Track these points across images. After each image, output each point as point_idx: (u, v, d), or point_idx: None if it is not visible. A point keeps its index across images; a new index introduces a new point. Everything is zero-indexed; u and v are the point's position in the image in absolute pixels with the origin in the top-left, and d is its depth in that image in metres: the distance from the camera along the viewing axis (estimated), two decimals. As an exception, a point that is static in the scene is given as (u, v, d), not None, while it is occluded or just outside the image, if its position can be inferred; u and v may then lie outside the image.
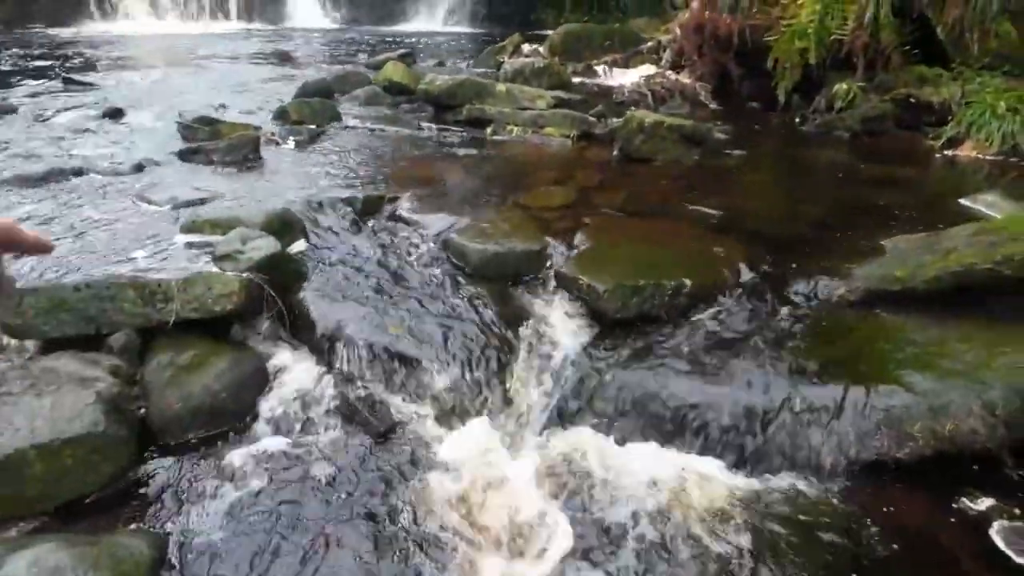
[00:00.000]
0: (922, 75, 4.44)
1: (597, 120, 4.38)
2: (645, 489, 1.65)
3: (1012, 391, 1.69)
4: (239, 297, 2.03)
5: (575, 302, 2.27)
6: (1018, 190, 3.19)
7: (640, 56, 6.43)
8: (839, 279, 2.26)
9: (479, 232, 2.63)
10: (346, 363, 2.04)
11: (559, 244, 2.58)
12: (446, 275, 2.47)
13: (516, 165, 3.82)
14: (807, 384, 1.84)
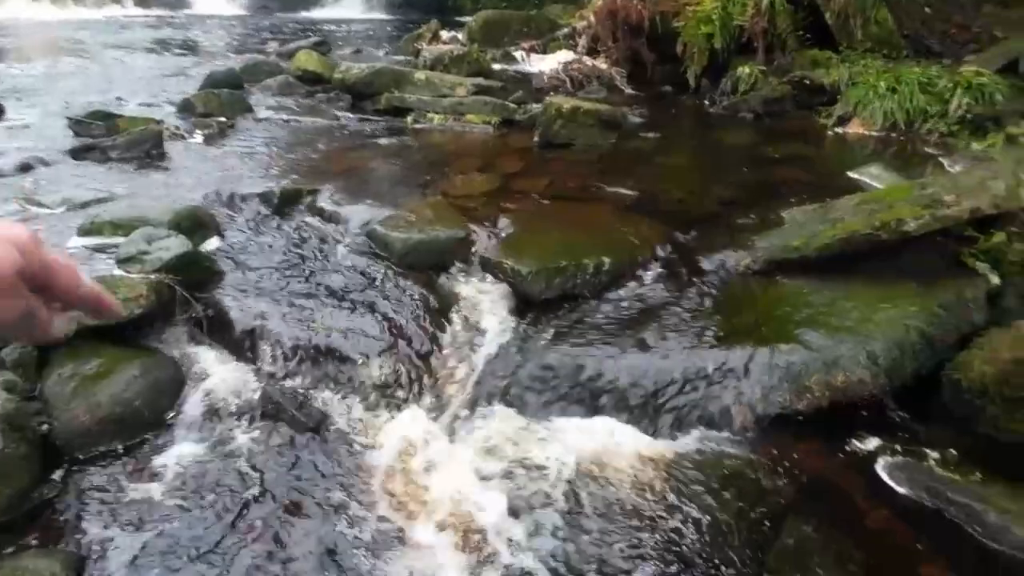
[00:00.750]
0: (815, 59, 4.77)
1: (518, 106, 4.42)
2: (570, 459, 1.72)
3: (891, 342, 1.89)
4: (147, 300, 1.93)
5: (501, 286, 2.31)
6: (897, 162, 3.51)
7: (557, 42, 6.52)
8: (744, 251, 2.42)
9: (402, 221, 2.61)
10: (269, 361, 1.99)
11: (483, 230, 2.61)
12: (370, 266, 2.45)
13: (438, 153, 3.81)
14: (717, 349, 1.97)
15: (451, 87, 4.58)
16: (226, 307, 2.14)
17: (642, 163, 3.58)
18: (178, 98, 4.55)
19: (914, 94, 3.92)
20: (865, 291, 2.12)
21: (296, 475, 1.71)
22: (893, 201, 2.24)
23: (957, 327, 1.96)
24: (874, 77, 4.15)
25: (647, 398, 1.88)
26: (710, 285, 2.30)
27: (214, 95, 4.40)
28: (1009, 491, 1.58)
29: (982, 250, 2.15)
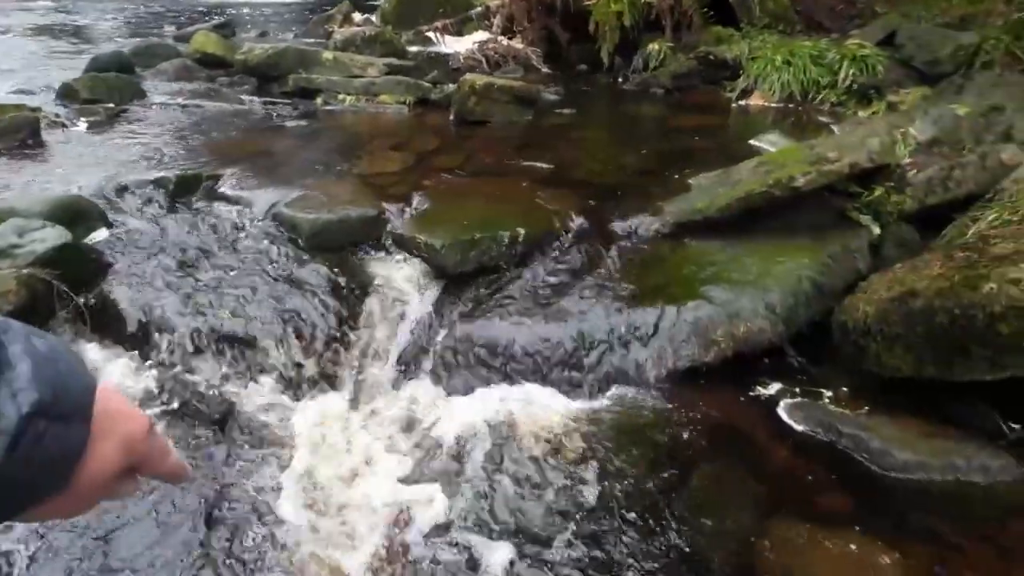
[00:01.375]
0: (718, 35, 4.95)
1: (433, 86, 4.34)
2: (491, 427, 1.72)
3: (787, 292, 2.00)
4: (17, 296, 1.76)
5: (416, 261, 2.27)
6: (794, 129, 3.72)
7: (473, 23, 6.44)
8: (654, 216, 2.49)
9: (311, 202, 2.51)
10: (167, 353, 1.87)
11: (397, 208, 2.55)
12: (278, 250, 2.34)
13: (350, 134, 3.68)
14: (630, 309, 2.02)
15: (362, 67, 4.43)
16: (115, 300, 1.99)
17: (558, 138, 3.61)
18: (59, 84, 4.15)
19: (807, 67, 4.15)
20: (763, 247, 2.23)
21: (198, 474, 1.62)
22: (786, 161, 2.37)
23: (844, 275, 2.11)
24: (771, 51, 4.36)
25: (564, 362, 1.91)
26: (622, 250, 2.35)
27: (100, 79, 4.05)
28: (890, 419, 1.72)
29: (864, 204, 2.31)
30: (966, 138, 2.45)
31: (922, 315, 1.69)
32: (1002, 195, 2.01)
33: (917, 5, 4.55)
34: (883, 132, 2.34)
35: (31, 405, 0.35)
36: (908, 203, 2.23)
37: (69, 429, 0.38)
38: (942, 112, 3.30)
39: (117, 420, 0.42)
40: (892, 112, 3.69)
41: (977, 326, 1.61)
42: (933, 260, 1.81)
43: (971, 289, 1.63)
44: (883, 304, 1.77)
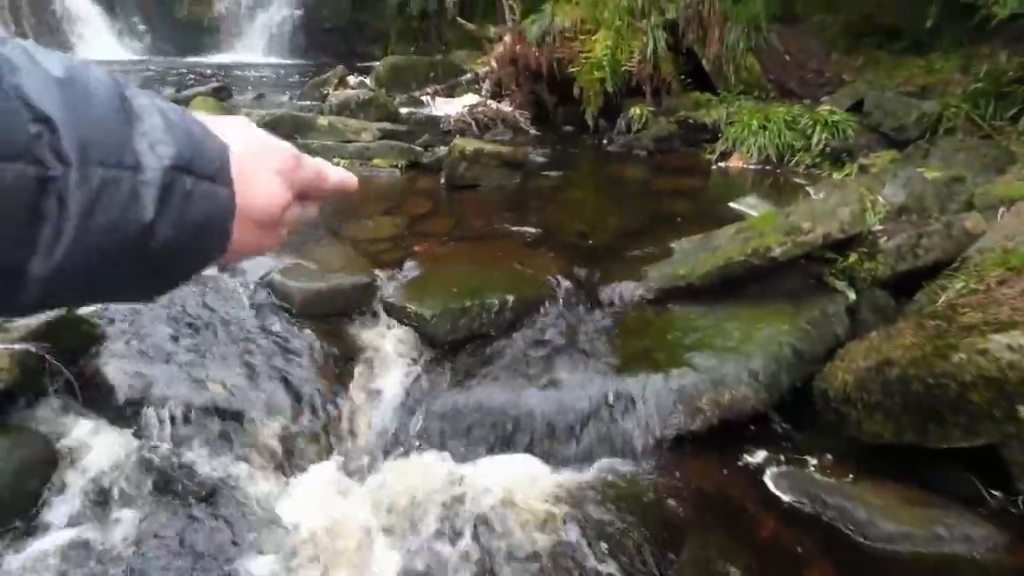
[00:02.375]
0: (697, 100, 5.21)
1: (424, 150, 4.50)
2: (478, 500, 1.72)
3: (768, 359, 2.06)
4: (9, 374, 1.77)
5: (406, 330, 2.31)
6: (772, 191, 3.88)
7: (463, 87, 6.72)
8: (638, 281, 2.57)
9: (304, 270, 2.57)
10: (156, 429, 1.87)
11: (388, 275, 2.61)
12: (271, 319, 2.37)
13: (343, 199, 3.78)
14: (616, 377, 2.06)
15: (356, 132, 4.59)
16: (106, 373, 2.00)
17: (545, 200, 3.73)
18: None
19: (782, 131, 4.37)
20: (745, 312, 2.30)
21: (187, 552, 1.60)
22: (763, 229, 2.47)
23: (823, 341, 2.17)
24: (747, 116, 4.59)
25: (552, 432, 1.93)
26: (608, 316, 2.41)
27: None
28: (874, 487, 1.75)
29: (839, 270, 2.40)
30: (931, 206, 2.58)
31: (899, 384, 1.75)
32: (967, 264, 2.11)
33: (880, 74, 4.83)
34: (854, 200, 2.46)
35: (172, 158, 0.34)
36: (881, 269, 2.32)
37: (216, 188, 0.37)
38: (911, 175, 3.47)
39: (261, 161, 0.41)
40: (864, 174, 3.87)
41: (950, 395, 1.66)
42: (906, 329, 1.88)
43: (942, 359, 1.69)
44: (861, 373, 1.82)
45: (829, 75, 5.09)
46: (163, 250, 0.34)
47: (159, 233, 0.34)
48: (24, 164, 0.28)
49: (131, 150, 0.33)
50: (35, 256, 0.30)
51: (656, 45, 5.13)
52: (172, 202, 0.34)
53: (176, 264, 0.37)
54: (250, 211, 0.40)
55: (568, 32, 5.63)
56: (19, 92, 0.29)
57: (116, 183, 0.31)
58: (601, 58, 5.24)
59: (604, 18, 5.39)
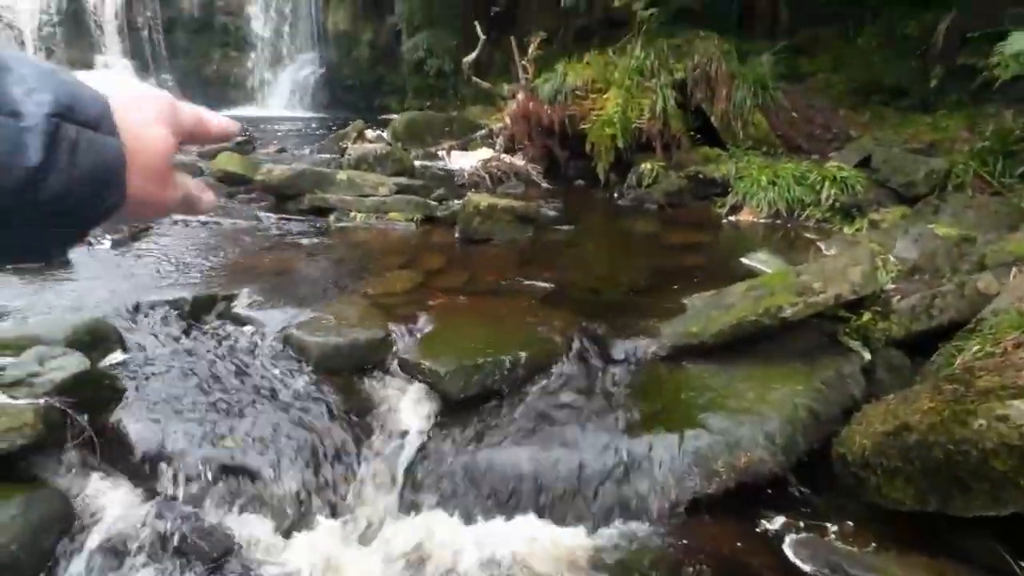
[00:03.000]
0: (706, 155, 5.33)
1: (439, 203, 4.62)
2: (489, 563, 1.70)
3: (784, 421, 2.04)
4: (33, 429, 1.80)
5: (420, 386, 2.33)
6: (783, 246, 3.92)
7: (476, 142, 6.94)
8: (651, 337, 2.58)
9: (321, 324, 2.61)
10: (171, 486, 1.88)
11: (403, 330, 2.64)
12: (287, 373, 2.40)
13: (361, 252, 3.87)
14: (630, 438, 2.05)
15: (373, 186, 4.74)
16: (125, 428, 2.03)
17: (557, 255, 3.79)
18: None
19: (791, 186, 4.44)
20: (760, 372, 2.29)
21: (197, 614, 1.59)
22: (774, 288, 2.49)
23: (840, 402, 2.15)
24: (756, 171, 4.68)
25: (567, 494, 1.91)
26: (621, 373, 2.42)
27: (127, 199, 4.32)
28: (897, 557, 1.70)
29: (853, 329, 2.40)
30: (943, 265, 2.60)
31: (918, 449, 1.72)
32: (983, 326, 2.10)
33: (887, 130, 4.93)
34: (865, 259, 2.48)
35: (50, 104, 0.33)
36: (895, 329, 2.32)
37: (102, 138, 0.36)
38: (922, 232, 3.49)
39: (141, 108, 0.41)
40: (875, 229, 3.90)
41: (972, 462, 1.63)
42: (923, 392, 1.87)
43: (961, 425, 1.67)
44: (879, 438, 1.80)
45: (836, 131, 5.20)
46: (56, 199, 0.34)
47: (50, 181, 0.33)
48: None
49: (8, 98, 0.32)
50: None
51: (665, 103, 5.30)
52: (59, 149, 0.33)
53: (73, 215, 0.36)
54: (139, 159, 0.40)
55: (580, 91, 5.84)
56: None
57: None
58: (612, 115, 5.41)
59: (614, 78, 5.59)
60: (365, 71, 14.22)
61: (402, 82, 12.67)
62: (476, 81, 7.51)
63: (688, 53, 5.46)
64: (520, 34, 7.81)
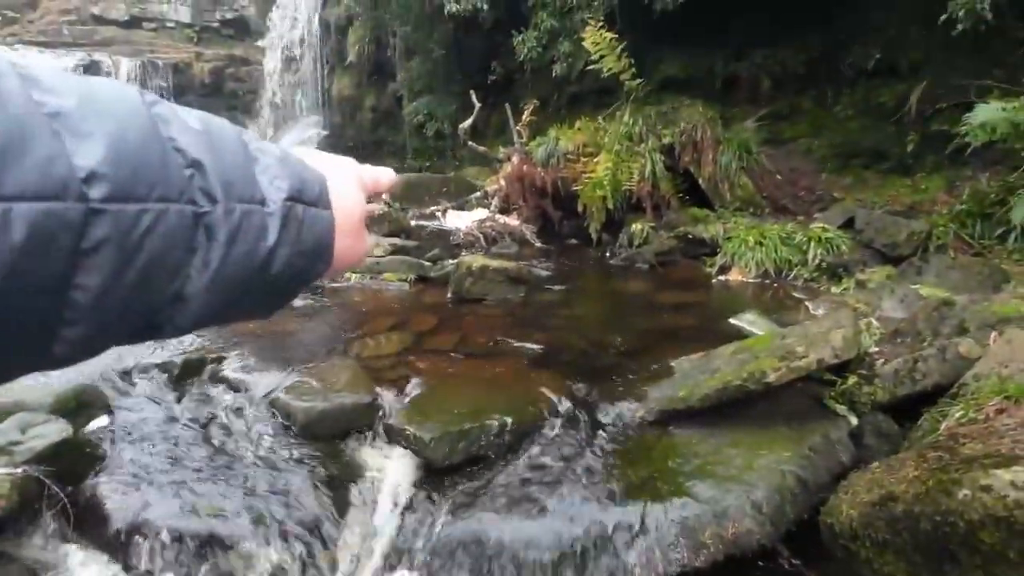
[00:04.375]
0: (695, 216, 5.46)
1: (433, 264, 4.69)
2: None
3: (772, 489, 2.01)
4: (8, 501, 1.78)
5: (405, 452, 2.30)
6: (772, 305, 3.96)
7: (472, 203, 7.11)
8: (639, 402, 2.58)
9: (308, 388, 2.61)
10: (146, 559, 1.83)
11: (390, 393, 2.64)
12: (272, 438, 2.39)
13: (353, 313, 3.91)
14: (617, 507, 2.02)
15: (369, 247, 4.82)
16: (101, 497, 2.00)
17: (548, 316, 3.82)
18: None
19: (778, 247, 4.53)
20: (746, 437, 2.28)
21: None
22: (759, 351, 2.51)
23: (828, 468, 2.13)
24: (744, 232, 4.78)
25: (551, 567, 1.86)
26: (609, 439, 2.40)
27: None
28: (891, 638, 1.64)
29: (839, 393, 2.41)
30: (924, 329, 2.63)
31: (905, 521, 1.70)
32: (965, 390, 2.11)
33: (869, 192, 5.08)
34: (848, 323, 2.51)
35: (287, 191, 0.39)
36: (880, 393, 2.32)
37: (320, 213, 0.42)
38: (907, 292, 3.55)
39: (343, 178, 0.47)
40: (861, 289, 3.96)
41: (960, 534, 1.60)
42: (908, 460, 1.85)
43: (946, 495, 1.65)
44: (866, 508, 1.77)
45: (820, 193, 5.36)
46: (282, 271, 0.40)
47: (279, 257, 0.39)
48: (182, 204, 0.33)
49: (257, 187, 0.38)
50: (189, 282, 0.35)
51: (654, 166, 5.48)
52: (290, 229, 0.39)
53: (291, 282, 0.42)
54: (343, 224, 0.45)
55: (571, 154, 6.05)
56: (174, 142, 0.34)
57: (250, 216, 0.37)
58: (602, 178, 5.58)
59: (605, 143, 5.80)
60: (367, 133, 14.70)
61: (403, 143, 13.08)
62: (472, 145, 7.77)
63: (675, 120, 5.69)
64: (515, 100, 8.15)
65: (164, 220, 0.32)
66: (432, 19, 9.07)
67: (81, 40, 14.05)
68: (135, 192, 0.31)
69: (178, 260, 0.34)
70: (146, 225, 0.31)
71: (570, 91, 8.03)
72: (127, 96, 0.33)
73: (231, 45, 16.31)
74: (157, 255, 0.32)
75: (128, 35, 14.91)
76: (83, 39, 14.09)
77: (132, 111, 0.32)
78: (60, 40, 13.77)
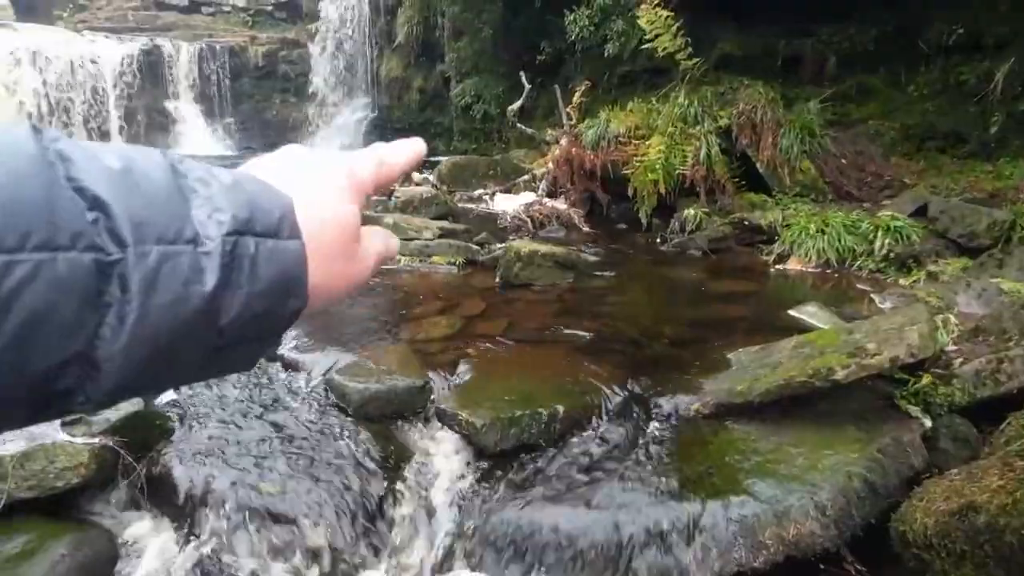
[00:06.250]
0: (752, 201, 5.25)
1: (480, 247, 4.68)
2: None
3: (837, 491, 1.92)
4: (87, 469, 1.88)
5: (457, 437, 2.32)
6: (834, 297, 3.77)
7: (520, 185, 7.05)
8: (694, 394, 2.50)
9: (361, 370, 2.65)
10: (210, 529, 1.91)
11: (441, 377, 2.66)
12: (328, 418, 2.44)
13: (404, 295, 3.95)
14: (672, 502, 1.97)
15: (418, 230, 4.86)
16: (171, 468, 2.09)
17: (597, 303, 3.76)
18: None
19: (841, 235, 4.30)
20: (810, 435, 2.18)
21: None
22: (824, 347, 2.39)
23: (898, 472, 2.02)
24: (804, 219, 4.56)
25: (602, 559, 1.84)
26: (663, 431, 2.35)
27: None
28: (968, 655, 1.55)
29: (912, 392, 2.27)
30: (1010, 326, 2.44)
31: (988, 532, 1.59)
32: (1058, 395, 1.95)
33: (944, 179, 4.75)
34: (923, 319, 2.36)
35: (229, 223, 0.33)
36: (958, 395, 2.18)
37: (282, 244, 0.36)
38: (985, 286, 3.31)
39: (322, 187, 0.40)
40: (933, 282, 3.73)
41: (1051, 551, 1.49)
42: (991, 468, 1.73)
43: (1037, 509, 1.54)
44: (943, 517, 1.67)
45: (889, 178, 5.05)
46: (238, 318, 0.34)
47: (228, 302, 0.33)
48: (78, 252, 0.28)
49: (190, 224, 0.33)
50: (101, 342, 0.30)
51: (710, 149, 5.28)
52: (237, 268, 0.33)
53: (258, 329, 0.36)
54: (322, 250, 0.39)
55: (622, 137, 5.90)
56: (75, 183, 0.29)
57: (175, 258, 0.31)
58: (655, 161, 5.43)
59: (657, 125, 5.63)
60: (415, 114, 14.78)
61: (449, 125, 13.09)
62: (520, 127, 7.68)
63: (732, 101, 5.46)
64: (564, 81, 8.00)
65: (47, 271, 0.27)
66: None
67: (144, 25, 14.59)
68: (2, 243, 0.26)
69: (76, 318, 0.29)
70: (18, 278, 0.26)
71: (621, 71, 7.81)
72: (8, 135, 0.29)
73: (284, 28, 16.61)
74: (40, 313, 0.27)
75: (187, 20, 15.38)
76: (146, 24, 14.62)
77: (8, 151, 0.28)
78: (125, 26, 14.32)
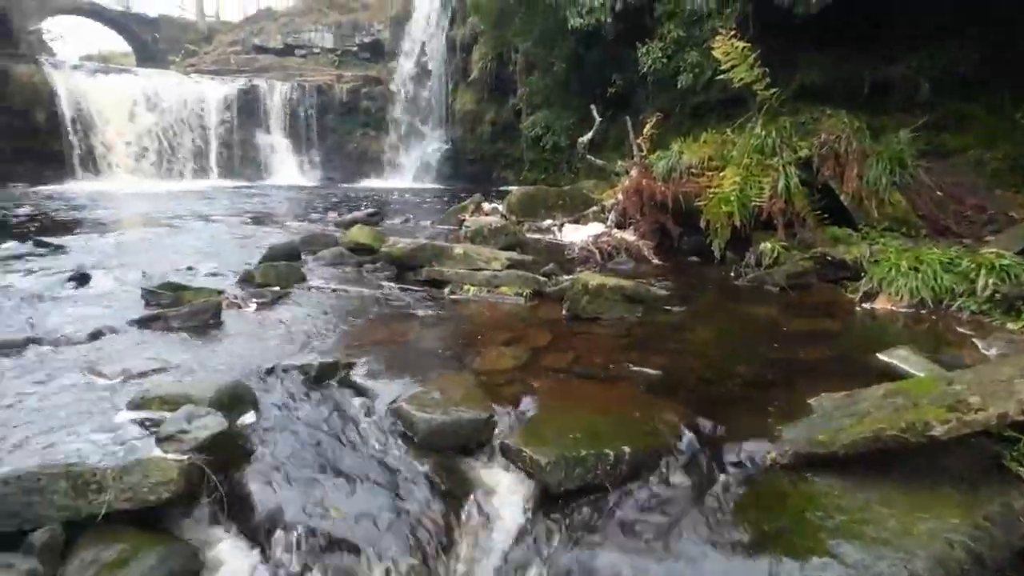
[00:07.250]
0: (835, 235, 4.98)
1: (548, 279, 4.70)
2: None
3: (934, 560, 1.75)
4: (176, 485, 2.00)
5: (520, 474, 2.30)
6: (930, 341, 3.48)
7: (588, 216, 7.05)
8: (770, 442, 2.37)
9: (428, 400, 2.70)
10: (282, 552, 1.98)
11: (506, 411, 2.66)
12: (394, 446, 2.49)
13: (471, 325, 4.01)
14: (745, 558, 1.86)
15: (487, 260, 4.94)
16: (249, 489, 2.19)
17: (667, 339, 3.66)
18: (243, 267, 5.05)
19: (938, 273, 3.99)
20: (902, 496, 2.01)
21: None
22: (919, 397, 2.20)
23: (1008, 543, 1.81)
24: (895, 255, 4.28)
25: (669, 615, 1.76)
26: (735, 480, 2.23)
27: (272, 267, 4.87)
28: None
29: (1023, 453, 2.04)
30: None
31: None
32: None
33: (1060, 213, 4.32)
34: (1036, 370, 2.13)
35: None
36: (1081, 460, 1.94)
37: None
38: (1112, 335, 2.96)
39: None
40: (1048, 328, 3.37)
41: None
42: None
43: None
44: (1065, 601, 1.48)
45: (992, 212, 4.66)
46: None
47: None
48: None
49: None
50: None
51: (788, 181, 5.09)
52: None
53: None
54: None
55: (695, 168, 5.79)
56: None
57: None
58: (729, 193, 5.29)
59: (732, 156, 5.49)
60: (486, 145, 15.22)
61: (520, 155, 13.36)
62: (590, 158, 7.72)
63: (813, 131, 5.25)
64: (634, 113, 7.99)
65: None
66: (554, 34, 9.18)
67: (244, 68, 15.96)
68: None
69: None
70: None
71: (694, 102, 7.72)
72: None
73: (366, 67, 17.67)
74: None
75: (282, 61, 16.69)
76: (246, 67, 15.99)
77: None
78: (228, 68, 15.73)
